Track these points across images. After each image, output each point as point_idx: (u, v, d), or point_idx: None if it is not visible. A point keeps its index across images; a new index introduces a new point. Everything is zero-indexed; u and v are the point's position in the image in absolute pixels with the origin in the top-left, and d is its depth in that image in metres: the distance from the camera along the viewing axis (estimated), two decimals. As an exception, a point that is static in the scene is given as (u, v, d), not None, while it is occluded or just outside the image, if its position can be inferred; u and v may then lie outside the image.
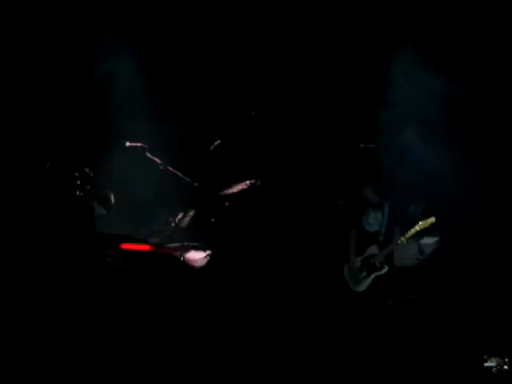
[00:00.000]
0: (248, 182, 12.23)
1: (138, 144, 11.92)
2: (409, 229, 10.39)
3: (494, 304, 10.17)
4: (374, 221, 10.65)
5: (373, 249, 10.54)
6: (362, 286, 10.50)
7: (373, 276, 10.47)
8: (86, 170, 11.75)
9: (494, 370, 8.64)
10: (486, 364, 8.62)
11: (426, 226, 10.35)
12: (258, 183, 12.28)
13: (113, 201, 11.05)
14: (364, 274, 10.50)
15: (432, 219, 10.30)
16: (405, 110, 11.41)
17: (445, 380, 8.48)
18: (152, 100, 12.37)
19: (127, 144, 11.92)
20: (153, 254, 10.51)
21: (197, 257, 12.34)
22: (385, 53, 11.70)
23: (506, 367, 8.59)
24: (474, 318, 8.98)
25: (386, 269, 10.46)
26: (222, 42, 12.31)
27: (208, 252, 12.24)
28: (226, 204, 12.21)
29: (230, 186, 12.27)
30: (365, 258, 10.55)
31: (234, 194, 12.23)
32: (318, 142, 12.30)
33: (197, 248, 11.93)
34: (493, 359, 8.67)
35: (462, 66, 11.46)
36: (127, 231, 11.63)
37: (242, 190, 12.22)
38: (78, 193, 11.40)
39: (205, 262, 12.36)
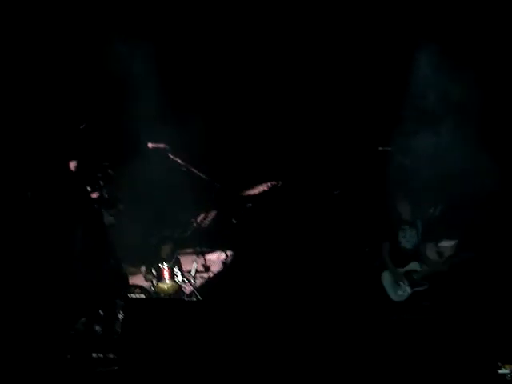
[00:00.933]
0: (269, 183, 12.27)
1: (161, 145, 12.02)
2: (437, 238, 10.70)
3: (509, 310, 10.11)
4: (411, 238, 10.90)
5: (414, 265, 10.79)
6: (401, 297, 10.75)
7: (414, 290, 10.73)
8: (109, 171, 11.89)
9: (508, 377, 8.58)
10: (499, 371, 8.57)
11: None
12: (280, 184, 12.32)
13: (122, 209, 11.02)
14: (405, 286, 10.73)
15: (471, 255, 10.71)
16: (422, 111, 11.35)
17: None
18: (174, 102, 12.40)
19: (149, 145, 12.03)
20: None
21: (217, 258, 12.42)
22: (405, 53, 11.62)
23: (520, 374, 8.55)
24: (489, 324, 8.88)
25: (426, 286, 10.73)
26: (242, 41, 12.29)
27: (229, 253, 12.32)
28: (248, 205, 12.26)
29: (251, 187, 12.31)
30: (407, 272, 10.77)
31: (255, 195, 12.27)
32: (338, 145, 12.26)
33: (211, 252, 11.99)
34: (507, 366, 8.61)
35: (482, 67, 11.36)
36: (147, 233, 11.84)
37: (264, 191, 12.26)
38: (101, 194, 11.52)
39: (226, 262, 12.45)
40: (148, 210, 12.13)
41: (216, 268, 12.40)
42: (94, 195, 11.30)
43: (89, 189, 11.50)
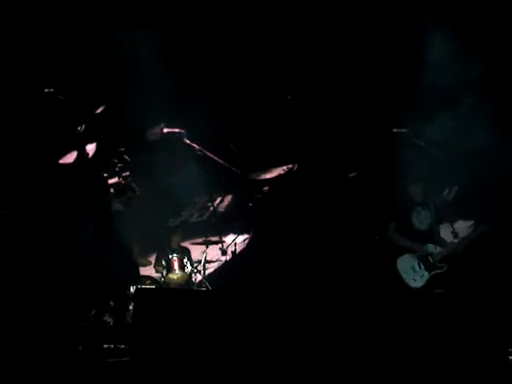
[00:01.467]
0: (285, 166, 12.25)
1: (176, 130, 12.03)
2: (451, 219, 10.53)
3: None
4: (425, 219, 10.66)
5: (429, 247, 10.55)
6: (420, 283, 10.47)
7: (432, 273, 10.48)
8: (125, 156, 11.93)
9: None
10: (510, 357, 8.55)
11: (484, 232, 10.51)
12: (296, 168, 12.29)
13: (133, 195, 10.95)
14: (423, 271, 10.48)
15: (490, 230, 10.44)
16: (438, 92, 11.22)
17: (469, 373, 8.42)
18: (191, 87, 12.40)
19: (165, 130, 12.04)
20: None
21: (235, 241, 12.43)
22: (419, 34, 11.49)
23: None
24: (500, 310, 8.84)
25: (445, 268, 10.49)
26: (257, 26, 12.24)
27: (246, 236, 12.36)
28: (264, 189, 12.26)
29: (267, 170, 12.29)
30: (422, 256, 10.53)
31: (271, 178, 12.26)
32: (353, 127, 12.20)
33: (227, 236, 11.98)
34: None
35: (499, 47, 11.23)
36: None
37: (280, 175, 12.24)
38: (117, 179, 11.59)
39: (243, 246, 12.49)
40: (163, 195, 12.16)
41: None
42: (110, 181, 11.40)
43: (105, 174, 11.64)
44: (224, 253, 12.20)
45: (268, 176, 12.27)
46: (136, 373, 8.04)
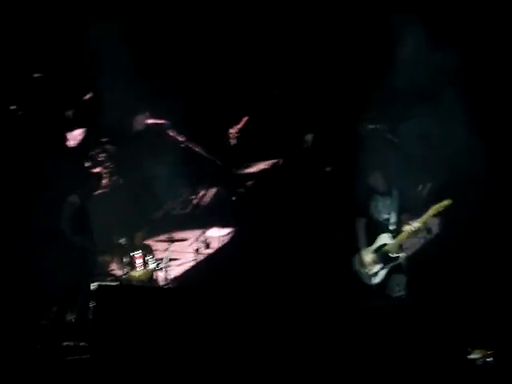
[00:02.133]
0: (270, 161, 12.19)
1: (160, 121, 12.00)
2: (421, 214, 9.96)
3: (479, 296, 9.95)
4: (384, 208, 9.95)
5: (385, 238, 9.90)
6: (378, 278, 9.90)
7: (389, 266, 9.88)
8: (108, 147, 11.91)
9: (478, 362, 8.45)
10: (470, 356, 8.43)
11: (440, 209, 9.93)
12: (280, 162, 12.23)
13: (97, 184, 10.67)
14: (379, 264, 9.89)
15: (446, 202, 9.84)
16: (413, 87, 11.02)
17: (429, 372, 8.32)
18: (175, 78, 12.31)
19: (149, 121, 12.02)
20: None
21: (218, 234, 12.38)
22: (393, 27, 11.29)
23: (490, 359, 8.41)
24: (459, 309, 8.71)
25: (401, 258, 9.87)
26: (240, 20, 12.12)
27: (229, 230, 12.32)
28: (248, 183, 12.21)
29: (251, 164, 12.23)
30: (378, 248, 9.91)
31: (255, 172, 12.21)
32: (329, 123, 12.07)
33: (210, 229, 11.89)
34: (477, 351, 8.50)
35: (473, 40, 11.04)
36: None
37: (264, 170, 12.19)
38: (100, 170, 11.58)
39: (226, 239, 12.44)
40: (146, 187, 12.10)
41: (216, 245, 12.36)
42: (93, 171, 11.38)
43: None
44: (207, 246, 12.16)
45: (252, 170, 12.23)
46: (96, 371, 7.97)
